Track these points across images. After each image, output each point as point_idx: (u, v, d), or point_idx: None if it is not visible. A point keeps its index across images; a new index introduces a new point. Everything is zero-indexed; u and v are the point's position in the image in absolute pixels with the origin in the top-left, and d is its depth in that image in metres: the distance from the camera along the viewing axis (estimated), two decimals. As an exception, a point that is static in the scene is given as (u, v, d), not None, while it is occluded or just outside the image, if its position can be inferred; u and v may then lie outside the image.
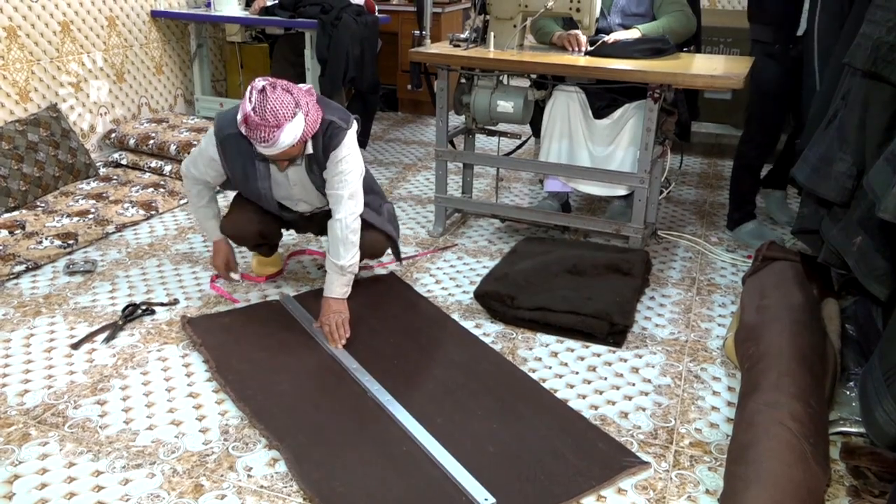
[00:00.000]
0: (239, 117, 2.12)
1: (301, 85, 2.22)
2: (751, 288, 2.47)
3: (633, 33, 2.99)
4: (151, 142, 3.86)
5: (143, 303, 2.58)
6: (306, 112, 2.12)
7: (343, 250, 2.30)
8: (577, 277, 2.63)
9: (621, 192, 3.09)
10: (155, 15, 4.32)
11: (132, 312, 2.50)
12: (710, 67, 2.75)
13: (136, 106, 4.29)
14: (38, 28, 3.61)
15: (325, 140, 2.26)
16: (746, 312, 2.31)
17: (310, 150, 2.27)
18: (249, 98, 2.08)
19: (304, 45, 4.18)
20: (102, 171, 3.85)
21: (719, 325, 2.53)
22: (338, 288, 2.34)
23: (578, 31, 2.99)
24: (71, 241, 3.01)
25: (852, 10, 2.28)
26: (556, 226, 3.25)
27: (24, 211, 3.27)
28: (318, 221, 2.61)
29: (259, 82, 2.11)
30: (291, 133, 2.09)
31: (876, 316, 2.04)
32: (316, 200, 2.50)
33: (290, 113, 2.07)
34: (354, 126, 2.31)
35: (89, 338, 2.36)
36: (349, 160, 2.29)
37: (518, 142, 3.54)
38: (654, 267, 2.93)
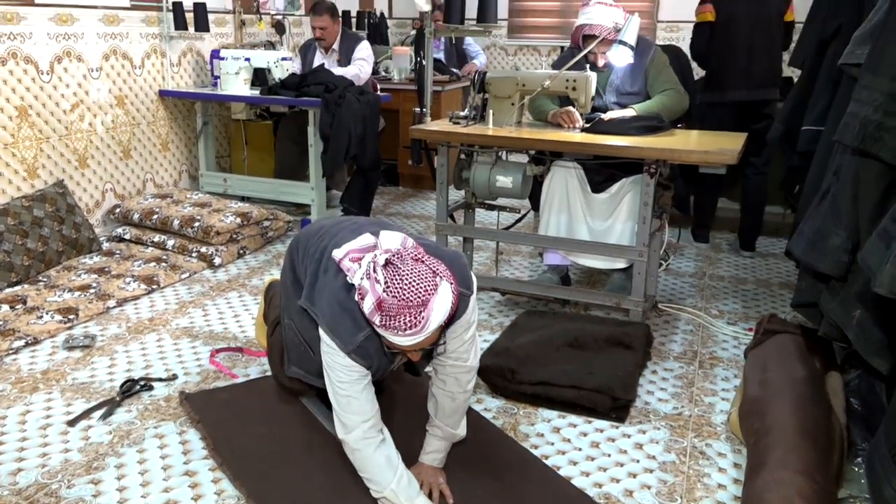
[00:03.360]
0: (368, 306, 1.60)
1: (387, 237, 1.72)
2: (753, 361, 2.45)
3: (629, 112, 3.07)
4: (155, 216, 3.91)
5: (142, 378, 2.56)
6: (449, 279, 1.63)
7: (462, 418, 1.99)
8: (579, 351, 2.62)
9: (620, 265, 3.11)
10: (163, 94, 4.45)
11: (130, 388, 2.48)
12: (705, 143, 2.82)
13: (141, 182, 4.37)
14: (49, 107, 3.71)
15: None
16: (750, 386, 2.29)
17: None
18: (375, 278, 1.59)
19: (307, 123, 4.29)
20: (106, 245, 3.89)
21: (723, 399, 2.51)
22: (442, 457, 2.00)
23: (572, 108, 3.08)
24: (71, 316, 3.01)
25: (838, 91, 2.35)
26: (557, 299, 3.26)
27: (25, 285, 3.28)
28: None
29: (380, 255, 1.62)
30: (441, 309, 1.59)
31: (879, 390, 2.03)
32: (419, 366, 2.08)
33: (433, 285, 1.58)
34: (475, 287, 1.87)
35: (86, 414, 2.33)
36: (474, 325, 1.89)
37: (517, 215, 3.59)
38: (655, 340, 2.93)
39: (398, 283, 1.56)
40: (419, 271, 1.58)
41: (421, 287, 1.56)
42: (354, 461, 1.85)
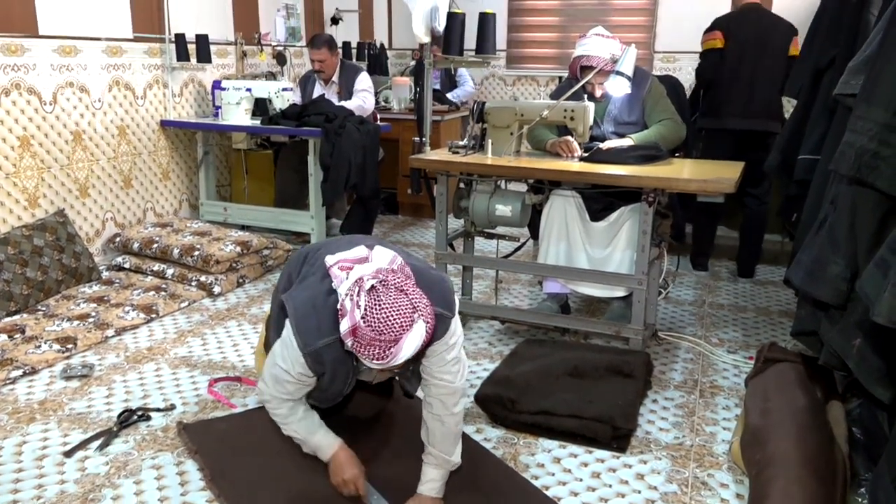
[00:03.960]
0: (344, 327, 1.67)
1: (378, 253, 1.79)
2: (754, 390, 2.44)
3: (626, 141, 3.09)
4: (155, 245, 3.91)
5: (139, 408, 2.54)
6: (426, 319, 1.67)
7: (455, 444, 2.00)
8: (579, 380, 2.61)
9: (620, 293, 3.11)
10: (164, 125, 4.48)
11: (127, 418, 2.46)
12: (702, 172, 2.83)
13: (141, 211, 4.38)
14: (51, 137, 3.73)
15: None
16: (751, 416, 2.28)
17: None
18: (357, 301, 1.65)
19: (307, 153, 4.31)
20: (105, 274, 3.89)
21: (724, 428, 2.49)
22: (440, 486, 1.99)
23: (570, 138, 3.10)
24: (70, 346, 3.00)
25: (834, 120, 2.37)
26: (556, 327, 3.25)
27: (24, 315, 3.28)
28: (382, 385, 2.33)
29: (367, 280, 1.67)
30: (411, 346, 1.65)
31: (881, 420, 2.02)
32: (406, 381, 2.13)
33: (408, 322, 1.64)
34: (456, 309, 1.94)
35: (83, 445, 2.31)
36: (458, 346, 1.93)
37: (517, 244, 3.59)
38: (655, 369, 2.91)
39: (376, 314, 1.62)
40: (399, 305, 1.64)
41: (396, 323, 1.62)
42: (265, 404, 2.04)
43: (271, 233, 4.54)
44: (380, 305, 1.63)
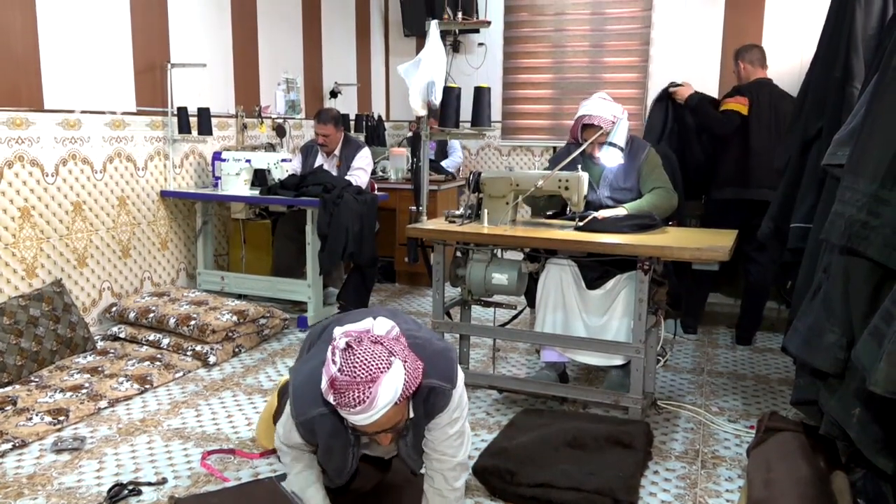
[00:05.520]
0: (324, 385, 1.69)
1: (379, 323, 1.80)
2: (756, 461, 2.41)
3: (621, 211, 3.13)
4: (151, 315, 3.90)
5: (130, 482, 2.49)
6: (404, 359, 1.68)
7: None
8: (578, 451, 2.57)
9: (618, 361, 3.10)
10: (164, 195, 4.53)
11: (118, 493, 2.41)
12: (696, 241, 2.86)
13: (139, 280, 4.39)
14: (52, 208, 3.77)
15: (427, 406, 1.87)
16: (754, 487, 2.24)
17: (410, 413, 1.84)
18: (333, 360, 1.68)
19: (305, 222, 4.35)
20: (100, 344, 3.87)
21: (727, 500, 2.44)
22: None
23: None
24: (61, 418, 2.96)
25: (824, 189, 2.42)
26: (555, 396, 3.22)
27: (17, 386, 3.24)
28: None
29: (341, 339, 1.69)
30: (390, 387, 1.63)
31: (886, 491, 1.98)
32: (407, 457, 2.07)
33: (385, 363, 1.64)
34: (461, 380, 1.92)
35: (71, 521, 2.25)
36: (462, 420, 1.91)
37: (514, 312, 3.59)
38: (655, 439, 2.87)
39: (351, 362, 1.64)
40: (374, 352, 1.66)
41: (372, 365, 1.63)
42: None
43: (268, 302, 4.54)
44: (354, 356, 1.65)
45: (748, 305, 4.11)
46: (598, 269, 3.13)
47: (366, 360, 1.64)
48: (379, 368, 1.63)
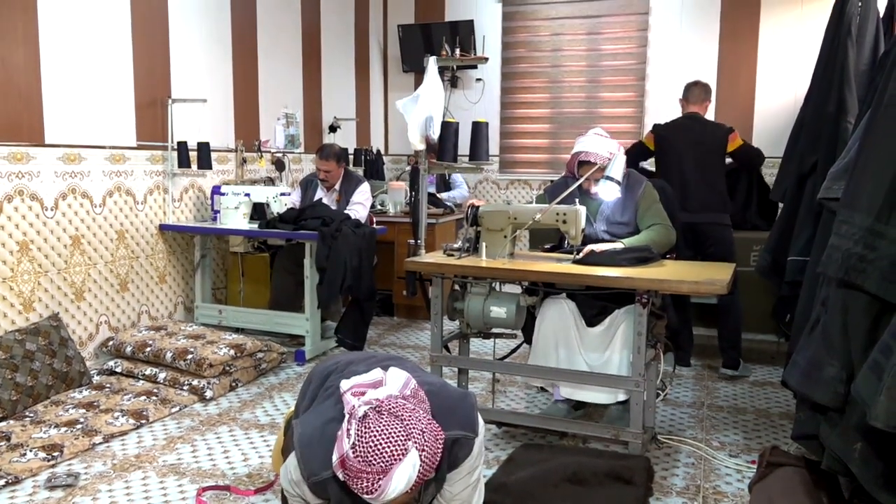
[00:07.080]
0: (335, 460, 1.64)
1: (392, 376, 1.76)
2: (758, 496, 2.38)
3: (618, 245, 3.14)
4: (148, 349, 3.88)
5: (124, 520, 2.45)
6: (421, 447, 1.60)
7: None
8: (578, 487, 2.54)
9: (622, 397, 3.08)
10: (163, 228, 4.54)
11: (111, 531, 2.37)
12: (694, 274, 2.87)
13: (136, 314, 4.38)
14: (50, 242, 3.78)
15: (451, 458, 1.82)
16: (756, 524, 2.21)
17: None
18: (348, 430, 1.62)
19: (304, 255, 4.36)
20: (96, 378, 3.84)
21: (730, 537, 2.41)
22: None
23: None
24: (56, 454, 2.92)
25: (820, 222, 2.43)
26: (554, 431, 3.19)
27: (11, 421, 3.21)
28: None
29: (360, 408, 1.63)
30: (403, 478, 1.57)
31: (891, 527, 1.95)
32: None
33: (400, 451, 1.57)
34: (482, 431, 1.88)
35: (63, 560, 2.21)
36: (479, 469, 1.88)
37: (514, 343, 3.57)
38: (656, 474, 2.84)
39: (365, 442, 1.58)
40: (390, 433, 1.58)
41: (386, 452, 1.56)
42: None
43: (266, 335, 4.52)
44: (369, 433, 1.58)
45: (724, 331, 4.18)
46: (596, 305, 3.13)
47: (380, 444, 1.57)
48: (393, 457, 1.57)
